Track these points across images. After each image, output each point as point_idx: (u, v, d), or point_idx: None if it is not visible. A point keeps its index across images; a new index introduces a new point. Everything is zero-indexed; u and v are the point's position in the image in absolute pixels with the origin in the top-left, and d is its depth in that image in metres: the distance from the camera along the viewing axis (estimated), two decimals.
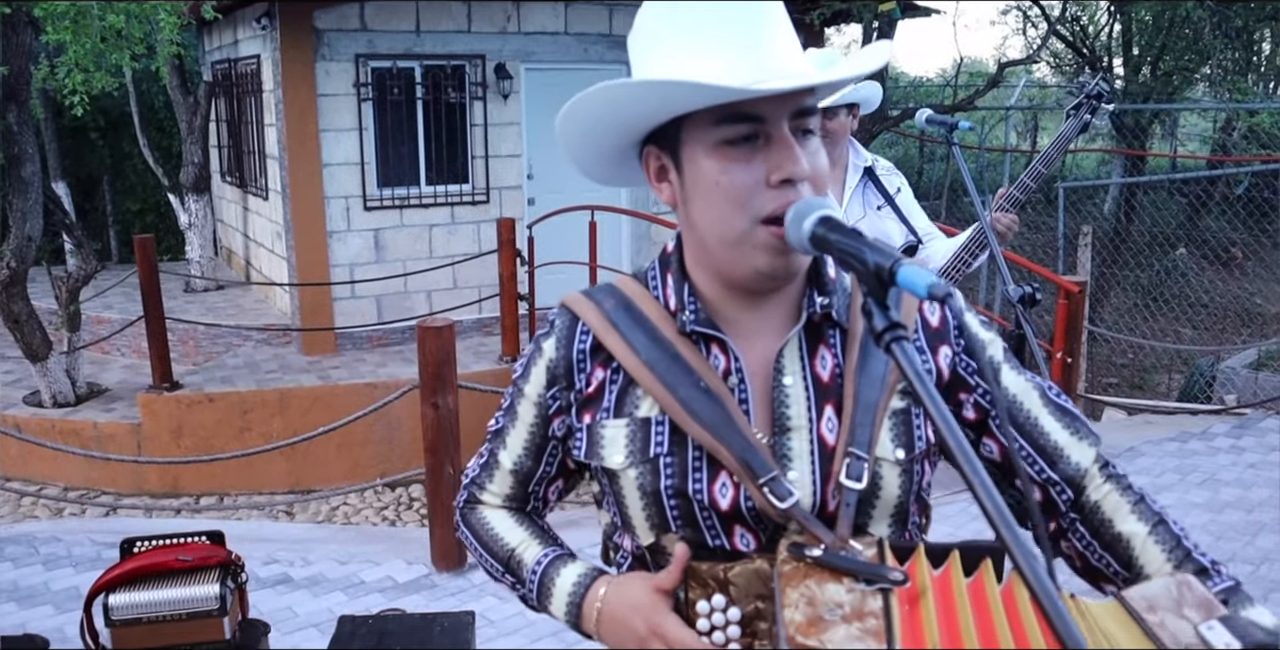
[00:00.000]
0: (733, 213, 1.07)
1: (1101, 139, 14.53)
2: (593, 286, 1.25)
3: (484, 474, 1.32)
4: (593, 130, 1.14)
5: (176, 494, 7.35)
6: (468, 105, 8.69)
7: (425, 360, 3.84)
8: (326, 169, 8.23)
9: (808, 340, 1.15)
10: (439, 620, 2.98)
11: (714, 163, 1.07)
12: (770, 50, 1.06)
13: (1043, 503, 1.19)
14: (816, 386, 1.13)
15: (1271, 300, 9.23)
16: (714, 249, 1.11)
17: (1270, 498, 4.95)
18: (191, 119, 9.67)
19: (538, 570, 1.23)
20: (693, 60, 1.05)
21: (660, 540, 1.15)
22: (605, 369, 1.17)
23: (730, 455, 1.08)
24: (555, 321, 1.22)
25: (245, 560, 2.89)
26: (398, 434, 7.57)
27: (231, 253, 11.30)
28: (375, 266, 8.56)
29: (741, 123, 1.05)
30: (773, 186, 1.05)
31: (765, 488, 1.07)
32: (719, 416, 1.10)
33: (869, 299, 0.88)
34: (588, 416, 1.18)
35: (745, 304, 1.15)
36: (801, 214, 1.00)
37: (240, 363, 8.26)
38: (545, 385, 1.21)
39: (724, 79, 1.03)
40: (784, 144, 1.05)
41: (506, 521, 1.30)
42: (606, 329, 1.17)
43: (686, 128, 1.09)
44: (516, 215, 8.80)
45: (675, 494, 1.11)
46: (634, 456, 1.14)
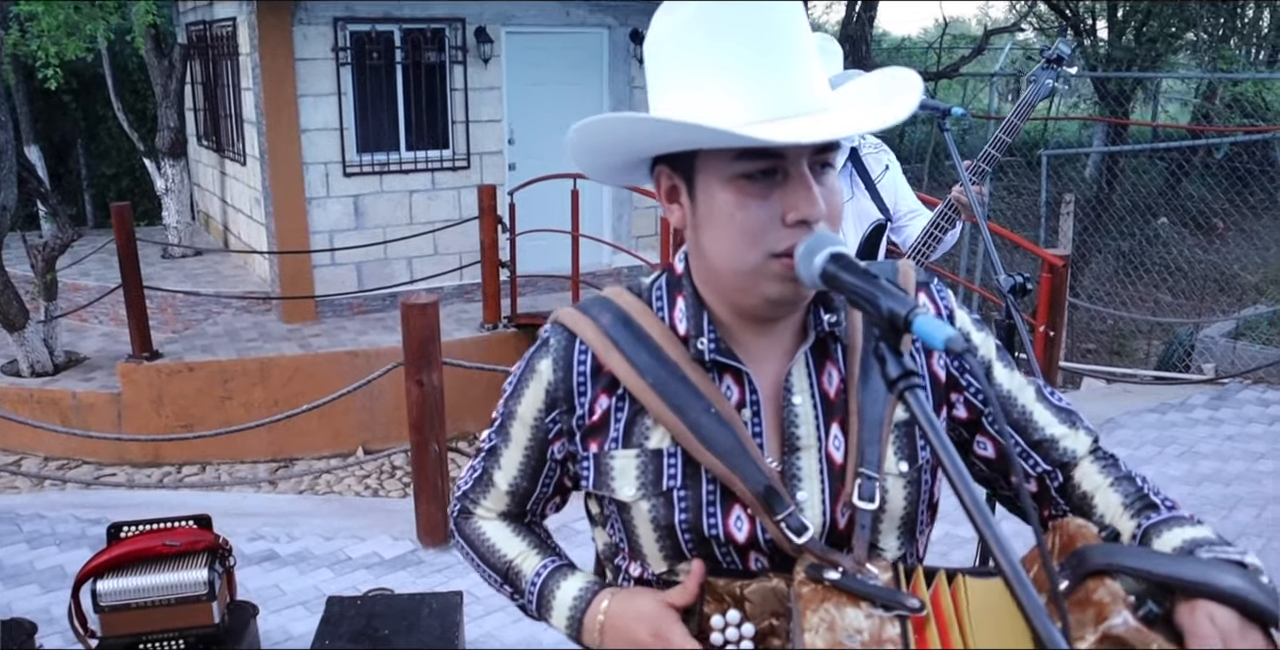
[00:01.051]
0: (746, 248, 1.04)
1: (1084, 104, 14.51)
2: (585, 300, 1.20)
3: (478, 490, 1.29)
4: (604, 152, 1.12)
5: (158, 464, 7.33)
6: (448, 69, 8.57)
7: (409, 338, 3.81)
8: (305, 134, 8.12)
9: (814, 358, 1.14)
10: (427, 601, 2.99)
11: (730, 196, 1.04)
12: (795, 81, 1.02)
13: (1037, 494, 1.19)
14: (824, 404, 1.12)
15: (1251, 269, 9.30)
16: (724, 277, 1.09)
17: (1247, 471, 5.01)
18: (167, 82, 9.50)
19: (536, 582, 1.22)
20: (713, 88, 1.02)
21: (674, 568, 1.14)
22: (610, 396, 1.14)
23: (745, 488, 1.07)
24: (550, 340, 1.18)
25: (230, 536, 2.88)
26: (379, 403, 7.55)
27: (209, 218, 11.17)
28: (355, 233, 8.49)
29: (761, 158, 1.01)
30: (788, 226, 1.03)
31: (782, 523, 1.06)
32: (731, 445, 1.08)
33: (881, 344, 0.87)
34: (594, 446, 1.15)
35: (755, 330, 1.13)
36: (812, 250, 0.98)
37: (220, 331, 8.20)
38: (543, 409, 1.18)
39: (746, 115, 1.00)
40: (802, 183, 1.02)
41: (503, 531, 1.29)
42: (606, 347, 1.14)
43: (703, 156, 1.05)
44: (497, 181, 8.73)
45: (689, 527, 1.10)
46: (646, 489, 1.11)
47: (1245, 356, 7.81)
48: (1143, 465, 5.07)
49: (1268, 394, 6.33)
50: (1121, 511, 1.10)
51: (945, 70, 10.04)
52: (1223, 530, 4.17)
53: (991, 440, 1.19)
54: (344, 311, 8.60)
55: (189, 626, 2.64)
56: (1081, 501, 1.16)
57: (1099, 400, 6.64)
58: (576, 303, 1.23)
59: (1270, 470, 5.03)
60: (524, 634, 3.37)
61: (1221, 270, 9.92)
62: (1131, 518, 1.09)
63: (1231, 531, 4.30)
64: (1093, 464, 1.17)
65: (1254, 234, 9.45)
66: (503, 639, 3.33)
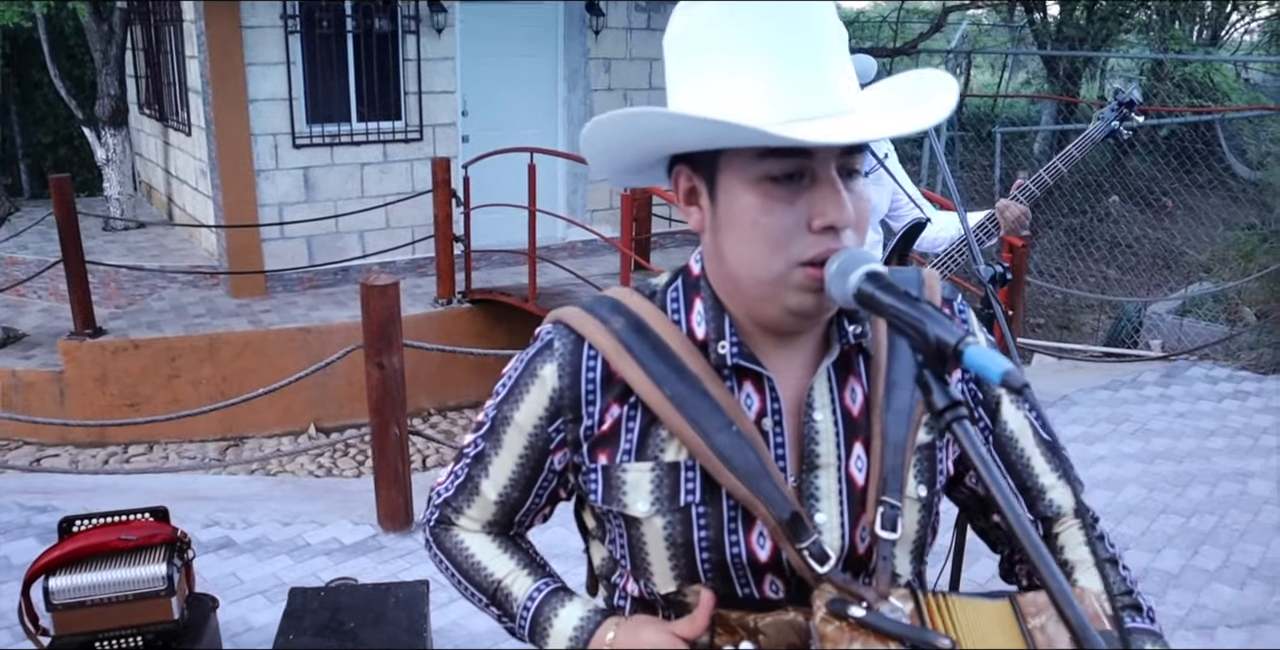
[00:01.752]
0: (769, 255, 0.98)
1: (1035, 81, 14.63)
2: (592, 300, 1.11)
3: (461, 498, 1.19)
4: (621, 151, 1.04)
5: (103, 443, 7.14)
6: (400, 39, 8.37)
7: (369, 320, 3.72)
8: (253, 104, 7.89)
9: (837, 372, 1.08)
10: (393, 591, 2.93)
11: (754, 199, 0.98)
12: (824, 80, 0.96)
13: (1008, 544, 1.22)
14: (846, 422, 1.07)
15: (1198, 247, 9.45)
16: (744, 285, 1.02)
17: (1198, 448, 5.10)
18: (106, 48, 9.17)
19: (530, 606, 1.14)
20: (738, 86, 0.96)
21: (683, 589, 1.08)
22: (621, 404, 1.06)
23: (768, 513, 1.02)
24: (555, 343, 1.09)
25: (185, 522, 2.79)
26: (332, 380, 7.42)
27: (152, 189, 10.85)
28: (305, 206, 8.29)
29: (788, 158, 0.95)
30: (814, 232, 0.97)
31: (804, 550, 1.02)
32: (753, 467, 1.02)
33: (926, 372, 0.82)
34: (603, 457, 1.07)
35: (775, 341, 1.07)
36: (846, 269, 0.92)
37: (166, 306, 7.99)
38: (546, 417, 1.09)
39: (774, 114, 0.94)
40: (830, 187, 0.96)
41: (489, 548, 1.20)
42: (620, 353, 1.05)
43: (726, 156, 0.99)
44: (450, 153, 8.58)
45: (710, 546, 1.04)
46: (661, 505, 1.05)
47: (1191, 333, 7.96)
48: (1097, 443, 5.14)
49: (1215, 371, 6.46)
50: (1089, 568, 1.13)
51: (903, 47, 10.01)
52: (1178, 508, 4.25)
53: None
54: (294, 286, 8.42)
55: (147, 623, 2.55)
56: (1055, 550, 1.17)
57: (1050, 376, 6.72)
58: (579, 303, 1.13)
59: (1221, 447, 5.13)
60: (491, 622, 3.32)
61: (1169, 248, 10.08)
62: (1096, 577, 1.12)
63: (1186, 509, 4.38)
64: (1077, 529, 1.18)
65: (1202, 213, 9.61)
66: (469, 628, 3.28)
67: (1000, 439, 1.17)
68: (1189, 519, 4.29)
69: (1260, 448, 5.14)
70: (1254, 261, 7.66)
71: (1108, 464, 4.88)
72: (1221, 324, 8.05)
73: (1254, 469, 4.85)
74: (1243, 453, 5.06)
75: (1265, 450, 5.10)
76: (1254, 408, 5.76)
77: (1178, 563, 3.92)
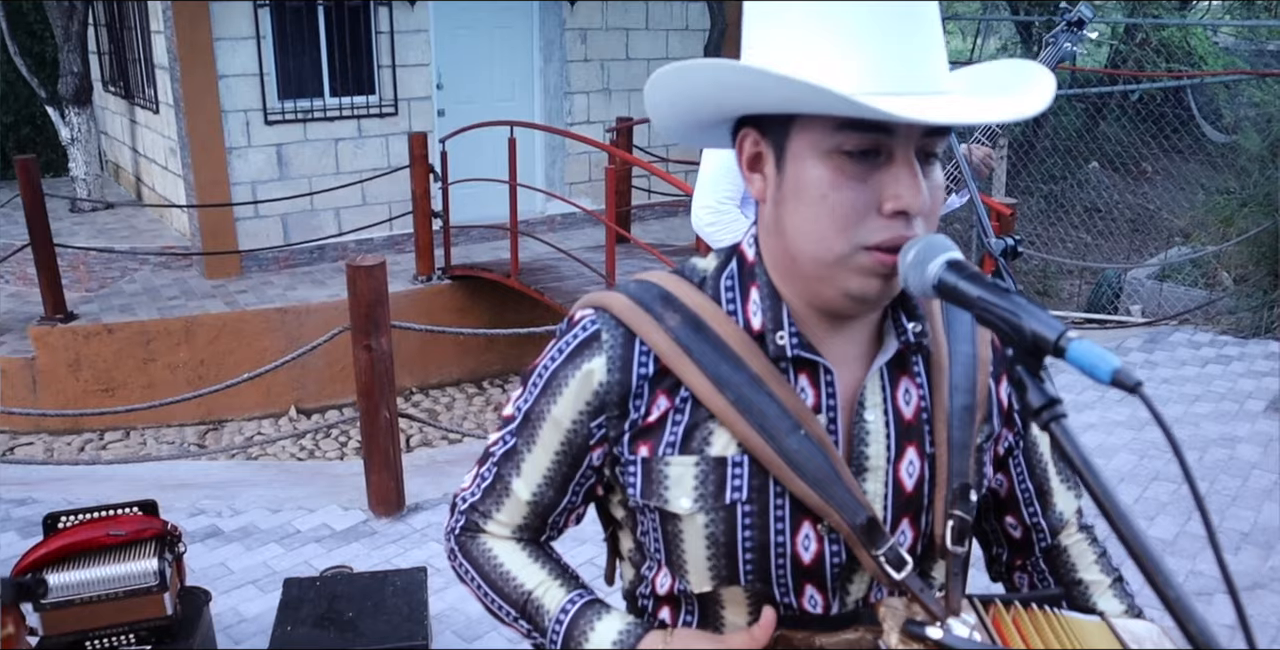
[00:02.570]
0: (835, 234, 0.91)
1: (1010, 48, 14.57)
2: (638, 289, 1.03)
3: (489, 501, 1.12)
4: (687, 106, 0.96)
5: (78, 430, 7.02)
6: (372, 11, 8.20)
7: (356, 302, 3.63)
8: (223, 81, 7.71)
9: (890, 370, 1.02)
10: (391, 578, 2.88)
11: (825, 173, 0.90)
12: (917, 54, 0.89)
13: (1020, 541, 1.20)
14: (898, 424, 1.01)
15: (1177, 213, 9.46)
16: (802, 263, 0.95)
17: (1185, 414, 5.12)
18: (68, 24, 8.92)
19: (564, 619, 1.06)
20: (825, 50, 0.88)
21: (719, 591, 1.02)
22: (671, 397, 0.99)
23: (841, 520, 0.96)
24: (603, 335, 1.01)
25: (170, 512, 2.72)
26: (312, 360, 7.30)
27: (119, 168, 10.63)
28: (279, 184, 8.14)
29: (867, 133, 0.88)
30: (884, 215, 0.90)
31: (880, 557, 0.96)
32: (825, 472, 0.96)
33: (1019, 369, 0.76)
34: (644, 449, 1.00)
35: (830, 327, 1.00)
36: (925, 257, 0.85)
37: (139, 289, 7.83)
38: (589, 412, 1.02)
39: (860, 84, 0.86)
40: (907, 169, 0.89)
41: (518, 557, 1.12)
42: (678, 356, 0.98)
43: (800, 123, 0.91)
44: (426, 127, 8.44)
45: (755, 546, 0.98)
46: (705, 501, 0.98)
47: (1171, 298, 7.98)
48: (1086, 410, 5.14)
49: (1197, 336, 6.48)
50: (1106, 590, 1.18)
51: None
52: (1169, 475, 4.24)
53: (1009, 479, 1.17)
54: (270, 266, 8.28)
55: (139, 620, 2.48)
56: (1064, 569, 1.19)
57: None
58: (617, 286, 1.05)
59: (1207, 413, 5.15)
60: None
61: (1147, 213, 10.10)
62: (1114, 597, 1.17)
63: (1177, 475, 4.39)
64: (1086, 544, 1.20)
65: (1180, 178, 9.61)
66: (467, 612, 3.24)
67: (1027, 444, 1.16)
68: (1180, 485, 4.31)
69: (1246, 412, 5.16)
70: (1233, 226, 7.66)
71: (1098, 432, 4.88)
72: (1200, 288, 8.08)
73: (1241, 433, 4.87)
74: (1229, 418, 5.08)
75: (1251, 415, 5.12)
76: (1237, 372, 5.79)
77: (1171, 530, 3.93)
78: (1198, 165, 9.64)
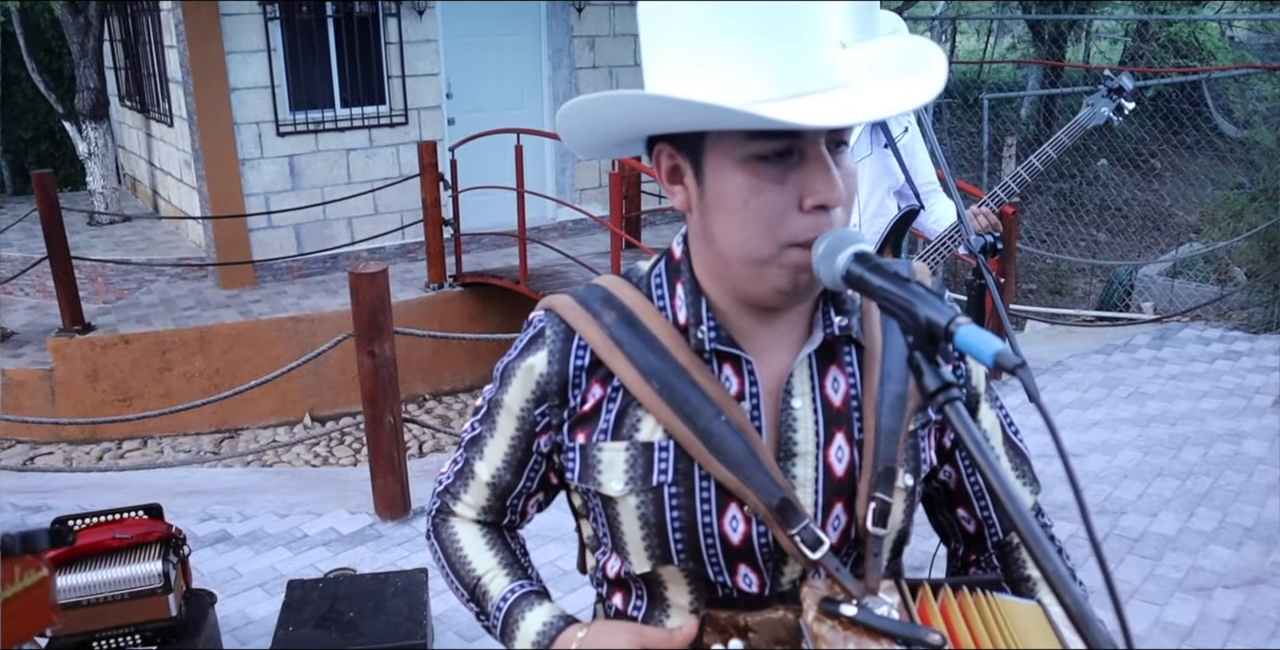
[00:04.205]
0: (761, 236, 0.96)
1: (1020, 45, 14.55)
2: (583, 289, 1.12)
3: (459, 483, 1.21)
4: (597, 132, 1.02)
5: (96, 439, 7.13)
6: (381, 22, 8.29)
7: (359, 308, 3.70)
8: (235, 93, 7.82)
9: (819, 360, 1.07)
10: (392, 580, 2.94)
11: (744, 179, 0.95)
12: (813, 51, 0.92)
13: (974, 535, 1.22)
14: (826, 411, 1.05)
15: (1187, 208, 9.43)
16: (733, 266, 1.01)
17: (1191, 410, 5.11)
18: (83, 40, 9.06)
19: (503, 606, 1.15)
20: (721, 61, 0.92)
21: (658, 570, 1.08)
22: (604, 386, 1.07)
23: (758, 501, 1.01)
24: (546, 331, 1.10)
25: (180, 517, 2.79)
26: (325, 369, 7.41)
27: (136, 181, 10.78)
28: (292, 194, 8.25)
29: (777, 139, 0.93)
30: (805, 212, 0.95)
31: (796, 537, 1.01)
32: (744, 456, 1.01)
33: (917, 354, 0.81)
34: (581, 436, 1.08)
35: (759, 319, 1.05)
36: (833, 249, 0.90)
37: (155, 300, 7.95)
38: (533, 401, 1.10)
39: (761, 91, 0.90)
40: (820, 165, 0.94)
41: (477, 542, 1.21)
42: (611, 350, 1.05)
43: (712, 135, 0.96)
44: (436, 136, 8.52)
45: (684, 526, 1.04)
46: (635, 483, 1.05)
47: (1183, 294, 7.95)
48: (1092, 408, 5.15)
49: (1207, 332, 6.46)
50: None
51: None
52: (1173, 470, 4.24)
53: (957, 471, 1.18)
54: (284, 275, 8.39)
55: (145, 621, 2.55)
56: (1014, 565, 1.20)
57: (1044, 342, 6.73)
58: (569, 290, 1.13)
59: (1214, 409, 5.14)
60: None
61: (1158, 210, 10.06)
62: None
63: (1181, 471, 4.39)
64: None
65: (1189, 174, 9.58)
66: (468, 613, 3.28)
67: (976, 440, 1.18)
68: (1184, 481, 4.31)
69: (1253, 408, 5.15)
70: (1243, 221, 7.62)
71: (1103, 429, 4.89)
72: (1212, 284, 8.05)
73: (1248, 429, 4.86)
74: (1236, 413, 5.07)
75: (1258, 410, 5.11)
76: (1246, 368, 5.77)
77: (1175, 525, 3.94)
78: (1206, 160, 9.60)
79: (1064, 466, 0.74)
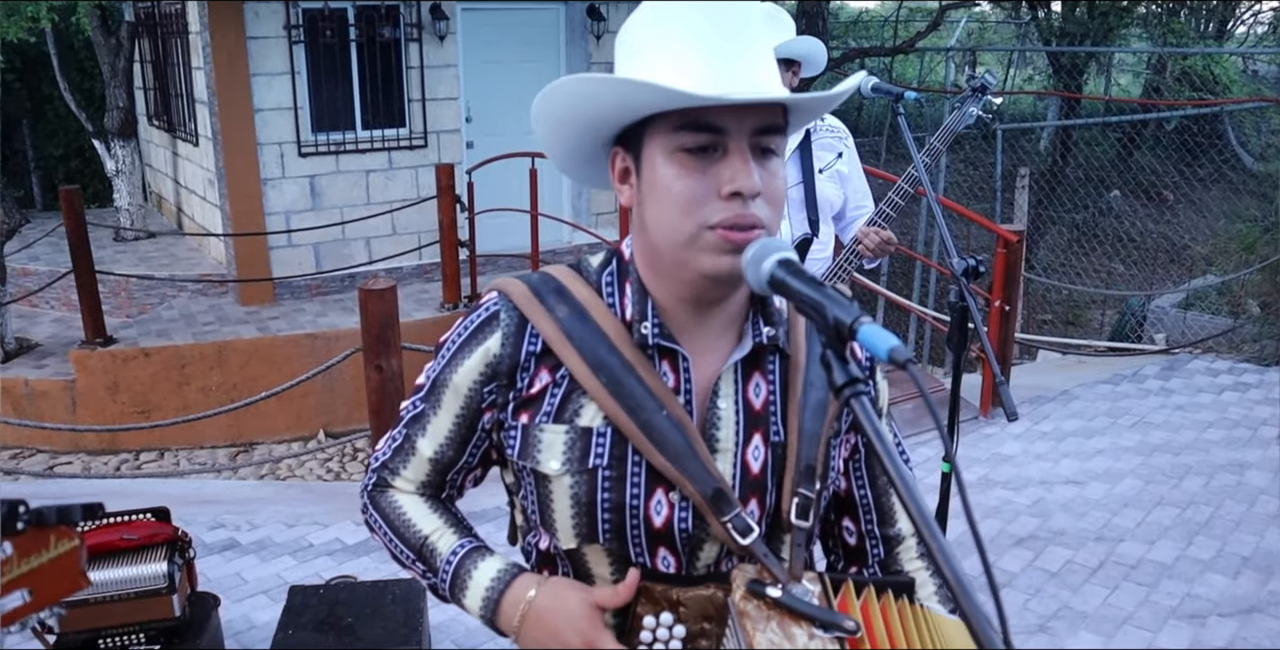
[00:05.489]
0: (681, 217, 1.06)
1: (1039, 78, 14.62)
2: (538, 280, 1.19)
3: (397, 459, 1.25)
4: (560, 128, 1.14)
5: (115, 450, 7.24)
6: (403, 47, 8.47)
7: (368, 323, 3.79)
8: (259, 114, 8.00)
9: (744, 366, 1.16)
10: (390, 588, 3.00)
11: (670, 169, 1.07)
12: (745, 63, 1.07)
13: (854, 549, 1.29)
14: (747, 413, 1.15)
15: (1200, 240, 9.46)
16: (663, 251, 1.10)
17: (1196, 441, 5.13)
18: (114, 61, 9.30)
19: (453, 560, 1.19)
20: (665, 65, 1.06)
21: (582, 548, 1.15)
22: (552, 374, 1.14)
23: (694, 490, 1.09)
24: (501, 315, 1.16)
25: (190, 525, 2.86)
26: (340, 385, 7.51)
27: (162, 199, 10.99)
28: (312, 214, 8.39)
29: (701, 132, 1.04)
30: (723, 198, 1.05)
31: (728, 523, 1.09)
32: (682, 447, 1.10)
33: (828, 352, 0.88)
34: (525, 417, 1.16)
35: (693, 316, 1.14)
36: (760, 255, 0.99)
37: (176, 315, 8.09)
38: (481, 380, 1.17)
39: (687, 85, 1.03)
40: (739, 158, 1.04)
41: (420, 508, 1.25)
42: (563, 343, 1.14)
43: (649, 131, 1.08)
44: (455, 159, 8.66)
45: (612, 507, 1.12)
46: (571, 464, 1.13)
47: (1195, 326, 7.96)
48: (1096, 436, 5.17)
49: (1216, 364, 6.47)
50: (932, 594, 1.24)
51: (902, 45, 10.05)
52: (1174, 499, 4.26)
53: (849, 483, 1.26)
54: (302, 293, 8.52)
55: (149, 620, 2.62)
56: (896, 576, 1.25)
57: (1054, 372, 6.75)
58: (521, 275, 1.21)
59: (1218, 439, 5.15)
60: None
61: (1172, 241, 10.08)
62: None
63: (1182, 500, 4.40)
64: (921, 562, 1.27)
65: (1203, 205, 9.61)
66: (467, 623, 3.35)
67: (871, 454, 1.24)
68: (1184, 510, 4.32)
69: (1259, 439, 5.16)
70: (1255, 253, 7.66)
71: (1106, 457, 4.91)
72: (1225, 317, 8.06)
73: (1252, 460, 4.87)
74: (1241, 444, 5.08)
75: (1263, 441, 5.11)
76: (1254, 399, 5.77)
77: (1172, 553, 3.95)
78: (1219, 192, 9.63)
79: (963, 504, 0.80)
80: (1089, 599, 3.63)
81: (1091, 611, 3.54)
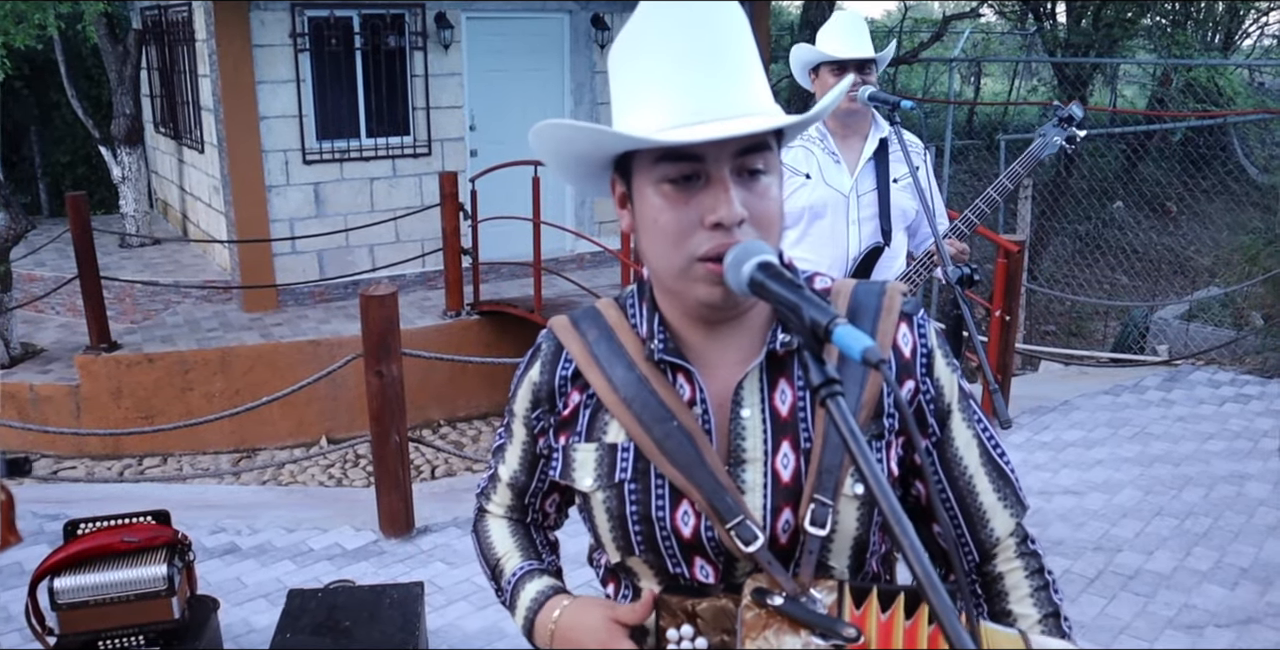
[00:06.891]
0: (670, 250, 1.08)
1: (1043, 89, 14.65)
2: (581, 312, 1.26)
3: (490, 487, 1.37)
4: (554, 159, 1.17)
5: (118, 455, 7.27)
6: (408, 55, 8.51)
7: (368, 329, 3.81)
8: (264, 122, 8.04)
9: (769, 373, 1.15)
10: (388, 592, 3.01)
11: (656, 200, 1.08)
12: (720, 85, 1.05)
13: (949, 555, 1.21)
14: (774, 421, 1.14)
15: (1204, 252, 9.45)
16: (662, 279, 1.14)
17: (1196, 451, 5.13)
18: (121, 68, 9.35)
19: (511, 581, 1.31)
20: (644, 95, 1.08)
21: (626, 561, 1.19)
22: (582, 393, 1.21)
23: (701, 497, 1.10)
24: (543, 346, 1.26)
25: (191, 529, 2.88)
26: (342, 392, 7.54)
27: (168, 206, 11.04)
28: (316, 221, 8.43)
29: (680, 162, 1.05)
30: (706, 228, 1.05)
31: (732, 531, 1.09)
32: (691, 456, 1.12)
33: (805, 352, 0.90)
34: (563, 438, 1.22)
35: (706, 333, 1.16)
36: (739, 259, 1.00)
37: (180, 321, 8.13)
38: (531, 407, 1.25)
39: (667, 119, 1.04)
40: (721, 187, 1.05)
41: (502, 531, 1.37)
42: (588, 362, 1.20)
43: (635, 161, 1.10)
44: (459, 167, 8.69)
45: (640, 519, 1.15)
46: (601, 480, 1.17)
47: (1198, 338, 7.95)
48: (1096, 447, 5.17)
49: (1218, 375, 6.47)
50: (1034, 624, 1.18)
51: (906, 56, 10.08)
52: (1173, 510, 4.26)
53: (926, 486, 1.20)
54: (305, 300, 8.55)
55: (149, 622, 2.64)
56: (996, 598, 1.22)
57: (1056, 382, 6.75)
58: (571, 313, 1.28)
59: (1219, 450, 5.14)
60: (486, 623, 3.40)
61: (1176, 253, 10.08)
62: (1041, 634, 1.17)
63: (1181, 511, 4.40)
64: (1015, 559, 1.22)
65: (1207, 217, 9.62)
66: (465, 628, 3.36)
67: (945, 453, 1.20)
68: (1183, 521, 4.32)
69: (1259, 451, 5.15)
70: (1259, 265, 7.65)
71: (1105, 468, 4.91)
72: (1228, 328, 8.04)
73: (1251, 471, 4.87)
74: (1241, 456, 5.08)
75: (1264, 453, 5.11)
76: (1255, 411, 5.77)
77: (1170, 564, 3.95)
78: (1223, 204, 9.64)
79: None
80: (1086, 609, 3.62)
81: (1089, 621, 3.54)
